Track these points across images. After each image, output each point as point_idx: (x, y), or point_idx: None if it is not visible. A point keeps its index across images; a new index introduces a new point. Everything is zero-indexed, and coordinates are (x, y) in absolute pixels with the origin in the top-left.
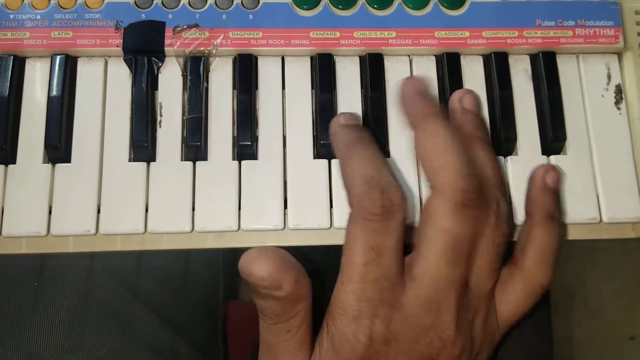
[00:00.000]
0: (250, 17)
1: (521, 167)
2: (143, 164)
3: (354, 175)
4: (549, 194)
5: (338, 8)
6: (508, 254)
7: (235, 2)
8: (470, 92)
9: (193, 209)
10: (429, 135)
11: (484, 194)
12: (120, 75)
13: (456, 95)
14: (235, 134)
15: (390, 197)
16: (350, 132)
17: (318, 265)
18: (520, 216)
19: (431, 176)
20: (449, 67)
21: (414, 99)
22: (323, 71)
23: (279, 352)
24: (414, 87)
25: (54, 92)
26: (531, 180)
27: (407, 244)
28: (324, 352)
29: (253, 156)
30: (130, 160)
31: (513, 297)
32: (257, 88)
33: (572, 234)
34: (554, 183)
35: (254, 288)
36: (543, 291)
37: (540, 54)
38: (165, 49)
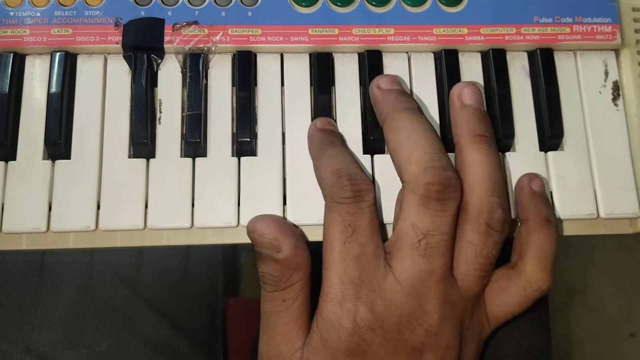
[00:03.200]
0: (250, 14)
1: (519, 163)
2: (143, 161)
3: (324, 171)
4: (540, 198)
5: (337, 5)
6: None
7: None
8: (470, 84)
9: (192, 205)
10: (394, 131)
11: (453, 188)
12: (120, 72)
13: (455, 91)
14: (235, 131)
15: (358, 183)
16: (323, 136)
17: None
18: (515, 213)
19: (399, 171)
20: (447, 64)
21: (382, 95)
22: (322, 68)
23: (275, 322)
24: (382, 84)
25: (54, 89)
26: (518, 189)
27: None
28: (314, 343)
29: (252, 153)
30: (130, 157)
31: (508, 299)
32: (256, 85)
33: (570, 230)
34: (540, 189)
35: (257, 249)
36: (540, 296)
37: (537, 50)
38: (165, 45)
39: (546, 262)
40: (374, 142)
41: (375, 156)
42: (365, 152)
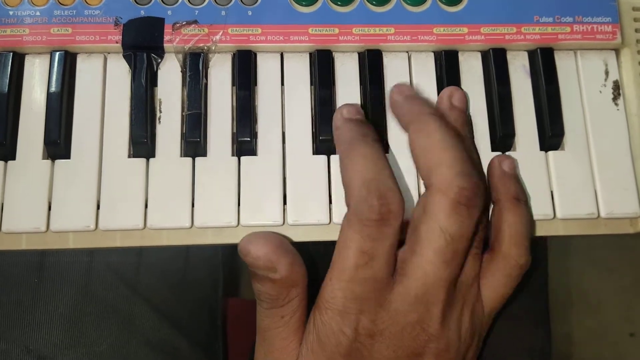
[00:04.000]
0: (249, 13)
1: (520, 162)
2: (142, 160)
3: (353, 176)
4: (510, 178)
5: (337, 4)
6: None
7: None
8: (460, 90)
9: (192, 205)
10: (425, 134)
11: (482, 197)
12: (120, 72)
13: (446, 92)
14: (235, 130)
15: (388, 203)
16: (353, 128)
17: (316, 260)
18: None
19: (428, 174)
20: (447, 63)
21: (407, 100)
22: (322, 67)
23: (273, 337)
24: (405, 91)
25: (54, 88)
26: (489, 170)
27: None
28: (310, 344)
29: (252, 152)
30: (129, 156)
31: (494, 281)
32: (256, 84)
33: (570, 229)
34: (511, 169)
35: (251, 270)
36: (521, 272)
37: (538, 50)
38: (165, 45)
39: (519, 238)
40: None
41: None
42: None
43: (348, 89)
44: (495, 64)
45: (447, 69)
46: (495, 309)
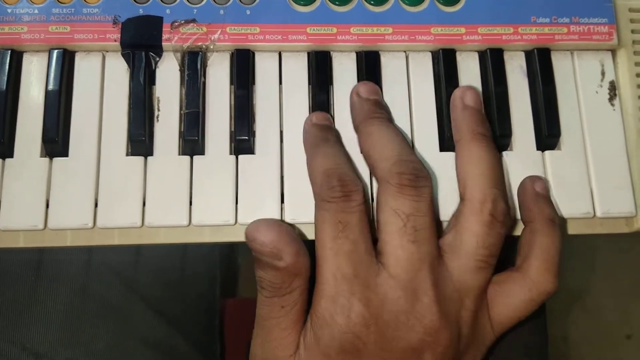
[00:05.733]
0: (248, 12)
1: (516, 162)
2: (140, 158)
3: (316, 169)
4: (544, 200)
5: (335, 4)
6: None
7: None
8: (472, 88)
9: (190, 203)
10: (365, 135)
11: (424, 178)
12: (118, 70)
13: (458, 92)
14: (233, 129)
15: (347, 184)
16: (318, 132)
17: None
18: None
19: (374, 171)
20: (445, 63)
21: (360, 102)
22: (320, 67)
23: (271, 327)
24: (362, 92)
25: (52, 87)
26: (521, 191)
27: None
28: (308, 342)
29: (250, 151)
30: (127, 155)
31: (513, 302)
32: (254, 83)
33: (567, 229)
34: (543, 190)
35: (256, 257)
36: (547, 298)
37: (535, 50)
38: (163, 43)
39: (551, 264)
40: None
41: None
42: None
43: (346, 89)
44: (493, 64)
45: (445, 68)
46: (507, 327)
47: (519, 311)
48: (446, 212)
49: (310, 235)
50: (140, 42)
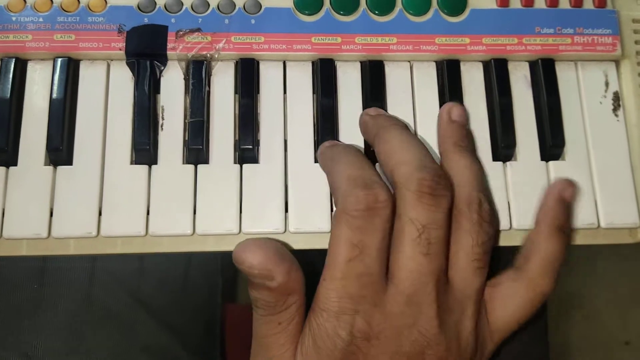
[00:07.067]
0: (253, 21)
1: (520, 172)
2: (145, 167)
3: (339, 177)
4: (562, 206)
5: (339, 14)
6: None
7: (237, 7)
8: (458, 105)
9: (194, 212)
10: (383, 142)
11: (445, 186)
12: (123, 79)
13: (445, 108)
14: (237, 138)
15: (375, 193)
16: (335, 148)
17: (318, 268)
18: (515, 221)
19: (391, 176)
20: (449, 73)
21: (372, 118)
22: (324, 76)
23: (270, 344)
24: (371, 112)
25: (56, 95)
26: (549, 191)
27: None
28: (306, 349)
29: (254, 160)
30: (131, 163)
31: (512, 302)
32: (258, 92)
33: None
34: (571, 198)
35: (247, 278)
36: (543, 300)
37: (539, 61)
38: (168, 52)
39: (552, 268)
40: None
41: None
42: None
43: (350, 98)
44: (497, 74)
45: (449, 78)
46: (506, 331)
47: (519, 313)
48: None
49: (315, 244)
50: (145, 51)
